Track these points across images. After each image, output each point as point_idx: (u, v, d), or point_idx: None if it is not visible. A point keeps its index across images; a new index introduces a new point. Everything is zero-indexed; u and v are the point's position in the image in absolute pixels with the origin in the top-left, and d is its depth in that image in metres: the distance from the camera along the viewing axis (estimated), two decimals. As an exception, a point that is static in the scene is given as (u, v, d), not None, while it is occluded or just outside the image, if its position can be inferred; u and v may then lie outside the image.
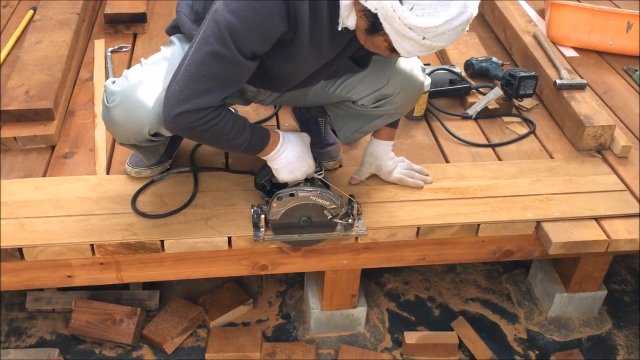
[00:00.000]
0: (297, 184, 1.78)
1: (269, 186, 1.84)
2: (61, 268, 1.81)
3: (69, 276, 1.84)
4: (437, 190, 1.99)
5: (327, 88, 1.86)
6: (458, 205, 1.94)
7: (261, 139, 1.70)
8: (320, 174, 1.85)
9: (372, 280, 2.35)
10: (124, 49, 2.63)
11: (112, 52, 2.59)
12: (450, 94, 2.45)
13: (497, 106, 2.38)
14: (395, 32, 1.37)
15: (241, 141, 1.64)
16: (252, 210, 1.81)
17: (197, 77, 1.50)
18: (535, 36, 2.64)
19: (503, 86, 2.36)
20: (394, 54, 1.48)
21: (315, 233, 1.80)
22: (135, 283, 2.19)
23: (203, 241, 1.78)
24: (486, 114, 2.37)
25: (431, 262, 2.02)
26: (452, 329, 2.17)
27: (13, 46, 2.57)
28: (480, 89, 2.45)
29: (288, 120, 2.26)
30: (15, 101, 2.13)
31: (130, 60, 2.58)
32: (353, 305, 2.11)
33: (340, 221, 1.79)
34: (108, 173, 2.01)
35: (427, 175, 2.02)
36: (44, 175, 1.99)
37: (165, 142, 1.89)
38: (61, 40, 2.47)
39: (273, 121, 2.31)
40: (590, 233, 1.88)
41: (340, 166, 2.09)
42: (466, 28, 1.38)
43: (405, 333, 2.11)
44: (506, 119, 2.37)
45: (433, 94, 2.39)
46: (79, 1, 2.73)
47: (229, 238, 1.80)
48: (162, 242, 1.77)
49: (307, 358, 2.04)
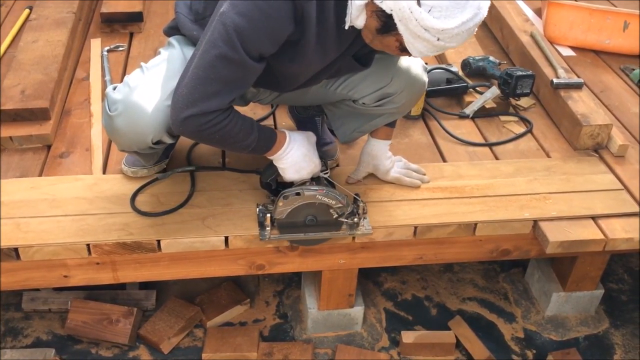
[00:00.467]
0: (303, 183, 1.77)
1: (275, 185, 1.83)
2: (57, 268, 1.81)
3: (65, 276, 1.83)
4: (435, 189, 1.99)
5: (328, 87, 1.86)
6: (455, 204, 1.94)
7: (268, 139, 1.70)
8: (326, 173, 1.85)
9: (370, 279, 2.35)
10: (121, 48, 2.62)
11: (109, 52, 2.58)
12: (447, 93, 2.45)
13: (494, 105, 2.38)
14: (409, 33, 1.39)
15: (249, 142, 1.64)
16: (258, 209, 1.81)
17: (205, 80, 1.50)
18: (532, 35, 2.64)
19: (500, 85, 2.36)
20: (404, 54, 1.49)
21: (320, 232, 1.80)
22: (131, 283, 2.18)
23: (200, 241, 1.78)
24: (483, 113, 2.36)
25: (428, 262, 2.02)
26: (450, 329, 2.17)
27: (9, 45, 2.57)
28: (477, 88, 2.45)
29: (285, 119, 2.26)
30: (11, 101, 2.13)
31: (126, 59, 2.58)
32: (350, 304, 2.11)
33: (346, 220, 1.79)
34: (104, 173, 2.00)
35: (425, 174, 2.02)
36: (40, 175, 1.99)
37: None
38: (57, 39, 2.47)
39: (270, 120, 2.30)
40: (587, 232, 1.88)
41: (337, 165, 2.08)
42: (476, 29, 1.41)
43: (402, 332, 2.11)
44: (503, 118, 2.37)
45: (430, 93, 2.39)
46: (75, 0, 2.73)
47: (226, 238, 1.79)
48: (159, 242, 1.76)
49: (304, 358, 2.03)
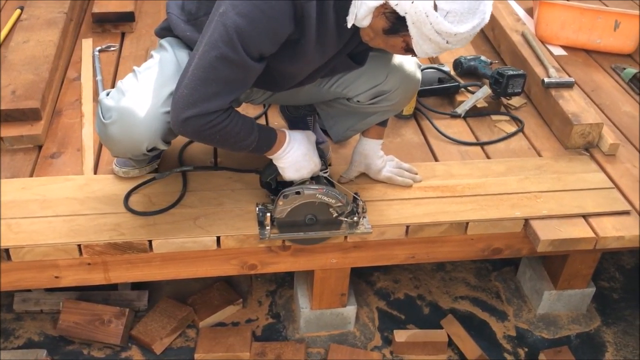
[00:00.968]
0: (303, 182, 1.78)
1: (274, 184, 1.83)
2: (48, 269, 1.80)
3: (56, 277, 1.83)
4: (426, 188, 2.00)
5: (322, 85, 1.86)
6: (447, 203, 1.95)
7: (269, 139, 1.70)
8: (325, 172, 1.85)
9: (362, 279, 2.35)
10: (112, 48, 2.62)
11: (100, 52, 2.57)
12: (439, 93, 2.45)
13: (486, 105, 2.39)
14: (420, 35, 1.41)
15: (249, 142, 1.64)
16: (257, 208, 1.81)
17: (206, 81, 1.50)
18: (523, 35, 2.65)
19: (491, 85, 2.37)
20: (407, 53, 1.51)
21: (320, 231, 1.80)
22: (123, 283, 2.18)
23: (191, 241, 1.78)
24: (475, 113, 2.37)
25: (420, 261, 2.03)
26: (442, 327, 2.17)
27: (0, 45, 2.55)
28: (469, 88, 2.45)
29: (277, 119, 2.26)
30: (1, 101, 2.12)
31: (118, 59, 2.57)
32: (343, 304, 2.11)
33: (345, 219, 1.79)
34: (95, 173, 1.99)
35: (417, 173, 2.02)
36: (31, 175, 1.98)
37: None
38: (48, 39, 2.46)
39: (262, 120, 2.30)
40: (578, 230, 1.89)
41: (329, 165, 2.08)
42: None
43: (394, 331, 2.11)
44: (495, 118, 2.37)
45: (422, 93, 2.40)
46: (67, 0, 2.72)
47: (218, 238, 1.79)
48: (150, 242, 1.76)
49: (297, 357, 2.03)
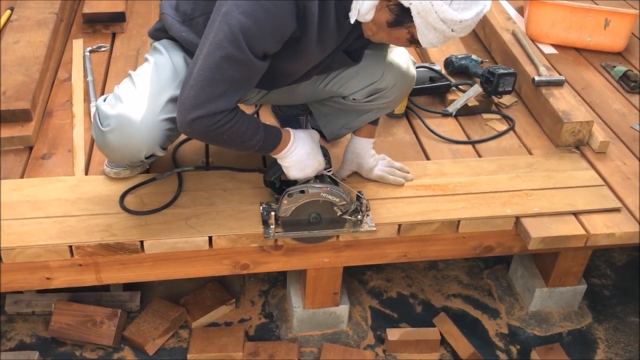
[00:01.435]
0: (307, 181, 1.78)
1: (278, 183, 1.84)
2: (39, 270, 1.80)
3: (48, 278, 1.82)
4: (418, 187, 2.00)
5: (317, 84, 1.86)
6: (438, 202, 1.95)
7: (274, 138, 1.70)
8: (329, 171, 1.86)
9: (355, 278, 2.35)
10: (103, 49, 2.61)
11: (91, 52, 2.57)
12: (430, 92, 2.46)
13: (477, 103, 2.40)
14: (425, 25, 1.43)
15: (255, 142, 1.64)
16: (261, 207, 1.82)
17: (212, 82, 1.50)
18: (514, 33, 2.66)
19: (482, 83, 2.38)
20: (412, 45, 1.54)
21: (324, 230, 1.81)
22: (115, 284, 2.17)
23: (183, 241, 1.77)
24: (466, 111, 2.38)
25: (412, 259, 2.03)
26: (434, 326, 2.18)
27: (-11, 46, 2.54)
28: (460, 87, 2.46)
29: (268, 119, 2.25)
30: (-9, 102, 2.11)
31: (109, 59, 2.56)
32: (335, 303, 2.11)
33: (349, 217, 1.79)
34: (86, 174, 1.99)
35: (408, 172, 2.03)
36: (22, 176, 1.97)
37: None
38: (39, 40, 2.45)
39: (253, 120, 2.30)
40: (568, 228, 1.90)
41: None
42: None
43: (387, 330, 2.12)
44: (486, 116, 2.38)
45: (414, 92, 2.39)
46: (57, 1, 2.71)
47: (210, 238, 1.79)
48: (142, 243, 1.75)
49: (290, 357, 2.03)
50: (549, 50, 2.81)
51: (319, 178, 1.81)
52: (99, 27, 2.72)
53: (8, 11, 2.73)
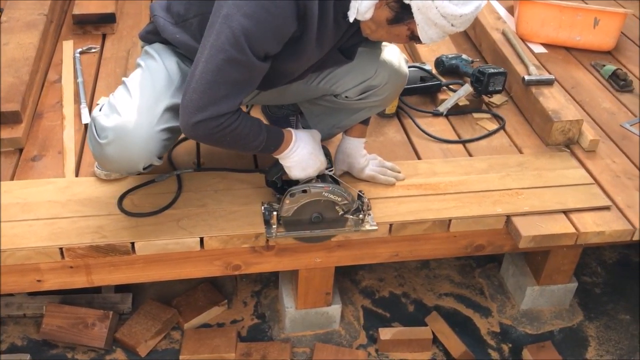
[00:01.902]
0: (309, 181, 1.78)
1: (280, 183, 1.84)
2: (30, 272, 1.79)
3: (39, 280, 1.81)
4: (409, 186, 2.00)
5: (310, 83, 1.87)
6: (430, 201, 1.96)
7: (276, 139, 1.70)
8: (330, 170, 1.86)
9: (347, 277, 2.36)
10: (93, 50, 2.60)
11: (81, 53, 2.56)
12: (421, 92, 2.46)
13: (467, 103, 2.40)
14: (426, 21, 1.45)
15: (258, 143, 1.64)
16: (263, 207, 1.82)
17: (214, 85, 1.50)
18: (504, 33, 2.67)
19: (473, 83, 2.38)
20: (412, 42, 1.55)
21: (326, 229, 1.81)
22: (107, 286, 2.16)
23: (174, 242, 1.77)
24: (456, 111, 2.39)
25: (404, 259, 2.04)
26: (426, 324, 2.18)
27: (-21, 48, 2.53)
28: (450, 86, 2.47)
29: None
30: (-19, 104, 2.10)
31: (99, 61, 2.55)
32: (328, 303, 2.11)
33: (351, 217, 1.80)
34: (77, 175, 1.98)
35: (399, 172, 2.03)
36: (12, 178, 1.96)
37: None
38: (28, 41, 2.44)
39: (245, 121, 2.30)
40: (559, 226, 1.91)
41: None
42: None
43: (379, 329, 2.12)
44: (476, 115, 2.39)
45: (404, 92, 2.39)
46: (47, 2, 2.70)
47: (201, 239, 1.78)
48: (133, 244, 1.75)
49: (282, 357, 2.03)
50: (539, 49, 2.83)
51: (321, 178, 1.82)
52: (89, 28, 2.71)
53: (-3, 13, 2.73)
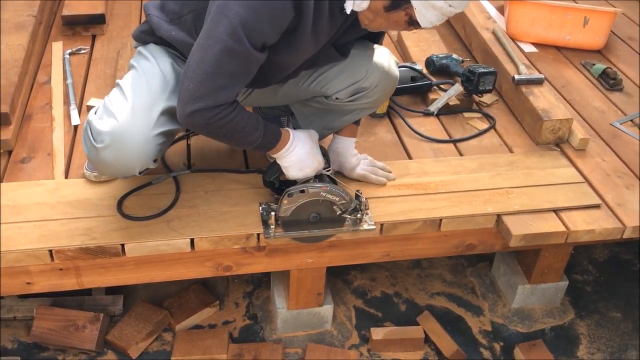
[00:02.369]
0: (306, 181, 1.78)
1: (278, 184, 1.84)
2: (20, 275, 1.78)
3: (28, 283, 1.80)
4: (400, 186, 2.01)
5: (301, 84, 1.86)
6: (420, 201, 1.96)
7: (274, 136, 1.70)
8: (328, 170, 1.86)
9: (339, 277, 2.36)
10: (83, 51, 2.59)
11: (71, 55, 2.55)
12: (411, 91, 2.47)
13: (458, 102, 2.41)
14: (423, 4, 1.47)
15: (255, 137, 1.64)
16: (261, 207, 1.82)
17: (212, 75, 1.50)
18: (494, 32, 2.68)
19: (463, 82, 2.39)
20: (410, 28, 1.56)
21: (324, 229, 1.81)
22: (97, 288, 2.16)
23: (165, 244, 1.76)
24: (447, 110, 2.39)
25: (395, 258, 2.04)
26: (418, 324, 2.19)
27: (-33, 50, 2.52)
28: (441, 86, 2.47)
29: (250, 120, 2.25)
30: (-31, 106, 2.09)
31: (89, 62, 2.54)
32: (319, 303, 2.11)
33: (349, 216, 1.79)
34: (66, 177, 1.97)
35: (390, 171, 2.03)
36: (1, 181, 1.95)
37: None
38: (17, 43, 2.42)
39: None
40: (549, 225, 1.91)
41: None
42: None
43: (371, 329, 2.12)
44: (467, 115, 2.40)
45: (395, 91, 2.38)
46: (36, 3, 2.68)
47: (192, 240, 1.78)
48: (123, 246, 1.74)
49: (274, 358, 2.03)
50: (529, 48, 2.84)
51: (318, 177, 1.82)
52: (79, 29, 2.70)
53: (-14, 14, 2.71)
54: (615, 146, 2.28)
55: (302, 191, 1.73)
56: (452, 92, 2.38)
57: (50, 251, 1.72)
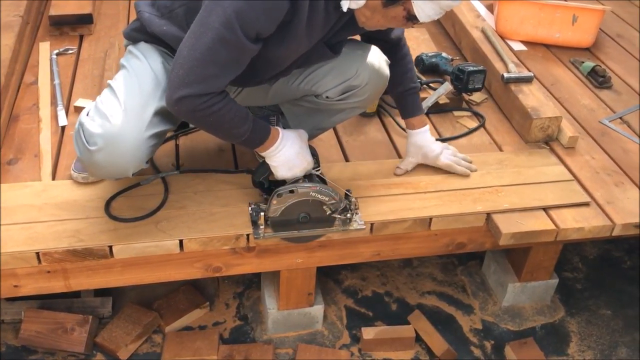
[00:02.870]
0: (296, 181, 1.77)
1: (267, 184, 1.83)
2: (7, 278, 1.76)
3: (16, 286, 1.78)
4: (390, 185, 2.00)
5: (291, 83, 1.86)
6: (410, 200, 1.95)
7: (262, 132, 1.69)
8: (317, 170, 1.85)
9: (330, 277, 2.35)
10: (70, 51, 2.57)
11: (58, 55, 2.53)
12: (401, 90, 2.46)
13: (448, 101, 2.41)
14: None
15: (242, 131, 1.63)
16: (250, 208, 1.81)
17: (202, 63, 1.49)
18: (483, 31, 2.68)
19: (453, 81, 2.39)
20: (408, 24, 1.55)
21: (314, 229, 1.80)
22: (86, 290, 2.14)
23: (153, 245, 1.75)
24: (437, 109, 2.39)
25: (386, 258, 2.03)
26: (409, 323, 2.18)
27: (-47, 51, 2.49)
28: (430, 84, 2.47)
29: (239, 119, 2.24)
30: (-46, 107, 2.07)
31: (76, 62, 2.52)
32: (310, 303, 2.10)
33: (338, 216, 1.79)
34: (54, 179, 1.95)
35: (471, 162, 2.06)
36: (-13, 183, 1.94)
37: None
38: (4, 43, 2.40)
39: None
40: (539, 223, 1.91)
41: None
42: None
43: (362, 329, 2.12)
44: (457, 114, 2.39)
45: (385, 90, 2.40)
46: (22, 2, 2.66)
47: (181, 241, 1.77)
48: (111, 248, 1.73)
49: (265, 358, 2.02)
50: (519, 47, 2.84)
51: (308, 177, 1.81)
52: (66, 30, 2.68)
53: (-28, 14, 2.68)
54: (604, 144, 2.29)
55: (292, 191, 1.73)
56: (442, 91, 2.38)
57: (37, 253, 1.70)
